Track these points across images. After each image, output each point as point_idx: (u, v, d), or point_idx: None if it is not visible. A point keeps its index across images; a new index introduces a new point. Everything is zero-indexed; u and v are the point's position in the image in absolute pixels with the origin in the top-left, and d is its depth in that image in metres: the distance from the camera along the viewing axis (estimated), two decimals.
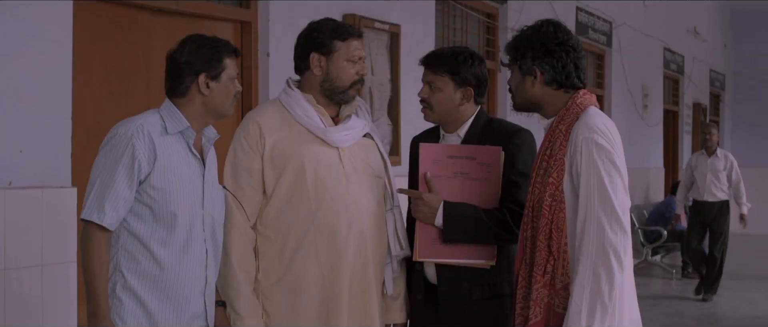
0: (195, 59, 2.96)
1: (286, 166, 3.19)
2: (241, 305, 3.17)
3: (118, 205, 2.82)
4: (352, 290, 3.22)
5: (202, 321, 3.02)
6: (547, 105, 2.97)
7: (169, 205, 2.89)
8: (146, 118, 2.93)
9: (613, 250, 2.69)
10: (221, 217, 3.11)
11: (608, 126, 2.83)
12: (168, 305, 2.92)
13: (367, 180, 3.27)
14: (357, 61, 3.26)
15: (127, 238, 2.89)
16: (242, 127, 3.25)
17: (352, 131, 3.28)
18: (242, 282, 3.18)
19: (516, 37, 3.00)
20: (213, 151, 3.12)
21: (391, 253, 3.33)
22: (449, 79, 3.31)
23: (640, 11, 12.37)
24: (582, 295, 2.69)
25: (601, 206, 2.71)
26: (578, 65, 2.95)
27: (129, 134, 2.85)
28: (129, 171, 2.82)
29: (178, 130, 2.95)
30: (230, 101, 3.04)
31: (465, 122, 3.36)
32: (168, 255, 2.90)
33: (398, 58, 6.38)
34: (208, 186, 3.02)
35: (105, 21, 4.40)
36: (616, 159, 2.77)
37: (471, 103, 3.35)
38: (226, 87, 3.00)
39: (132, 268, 2.88)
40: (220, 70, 2.98)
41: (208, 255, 3.01)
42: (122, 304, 2.87)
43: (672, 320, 8.56)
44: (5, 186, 3.69)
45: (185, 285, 2.94)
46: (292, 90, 3.29)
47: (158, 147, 2.88)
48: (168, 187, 2.89)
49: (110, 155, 2.85)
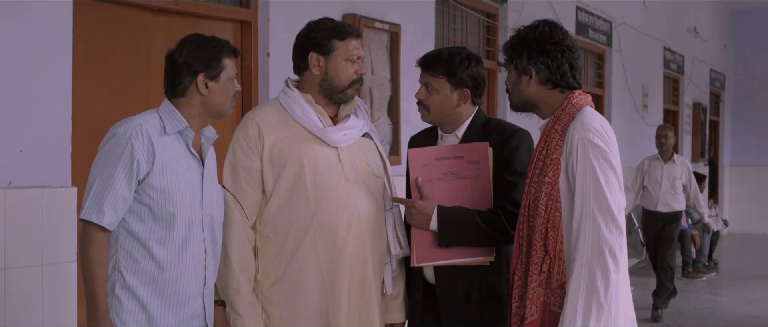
0: (194, 59, 2.96)
1: (285, 165, 3.19)
2: (240, 305, 3.17)
3: (117, 204, 2.82)
4: (351, 290, 3.22)
5: (201, 321, 3.03)
6: (543, 104, 2.98)
7: (168, 205, 2.89)
8: (145, 118, 2.93)
9: (609, 249, 2.71)
10: (220, 217, 3.11)
11: (603, 125, 2.85)
12: (167, 305, 2.92)
13: (366, 179, 3.28)
14: (356, 61, 3.27)
15: (126, 238, 2.89)
16: (241, 127, 3.25)
17: (350, 131, 3.28)
18: (241, 282, 3.18)
19: (512, 37, 3.02)
20: (212, 151, 3.12)
21: (390, 253, 3.34)
22: (446, 80, 3.31)
23: (640, 11, 12.37)
24: (578, 293, 2.71)
25: (597, 205, 2.74)
26: (574, 65, 2.97)
27: (127, 134, 2.85)
28: (128, 171, 2.82)
29: (177, 130, 2.95)
30: (229, 101, 3.04)
31: (463, 123, 3.37)
32: (167, 255, 2.90)
33: (398, 58, 6.38)
34: (207, 186, 3.02)
35: (105, 21, 4.40)
36: (611, 158, 2.79)
37: (468, 103, 3.35)
38: (225, 87, 3.00)
39: (131, 267, 2.88)
40: (219, 70, 2.98)
41: (207, 254, 3.01)
42: (121, 304, 2.88)
43: (671, 320, 8.56)
44: (5, 186, 3.70)
45: (184, 284, 2.94)
46: (291, 90, 3.29)
47: (157, 147, 2.88)
48: (167, 186, 2.89)
49: (109, 155, 2.85)
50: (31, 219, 3.80)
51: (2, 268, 3.65)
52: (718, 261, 12.50)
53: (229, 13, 4.99)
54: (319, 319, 3.22)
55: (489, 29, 8.19)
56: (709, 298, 9.84)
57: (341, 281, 3.19)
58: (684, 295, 9.99)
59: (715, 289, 10.52)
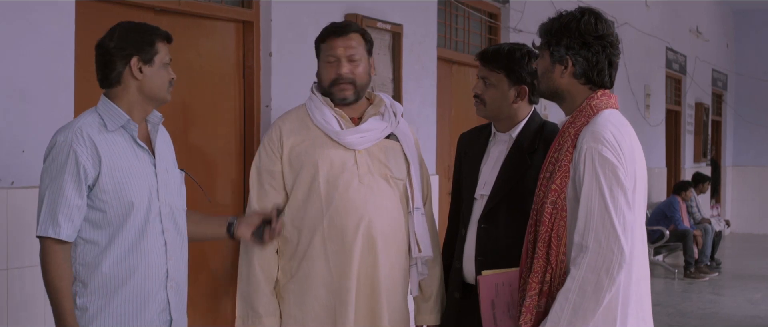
0: (125, 43, 2.88)
1: (302, 168, 3.26)
2: (259, 304, 3.23)
3: (72, 214, 2.76)
4: (360, 290, 3.23)
5: (167, 315, 2.96)
6: (570, 98, 2.85)
7: (121, 206, 2.82)
8: (83, 120, 2.86)
9: (606, 268, 2.60)
10: (181, 203, 3.05)
11: (616, 134, 2.70)
12: (131, 304, 2.86)
13: (382, 181, 3.29)
14: (333, 61, 3.29)
15: (83, 247, 2.83)
16: (267, 132, 3.37)
17: (368, 133, 3.29)
18: (261, 280, 3.24)
19: (553, 21, 2.84)
20: (164, 134, 3.04)
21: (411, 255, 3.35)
22: (504, 75, 3.26)
23: (643, 11, 12.36)
24: (564, 306, 2.63)
25: (600, 222, 2.62)
26: (612, 63, 2.82)
27: (68, 140, 2.79)
28: (75, 178, 2.76)
29: (119, 125, 2.87)
30: (167, 87, 2.96)
31: (518, 122, 3.30)
32: (124, 254, 2.83)
33: (400, 58, 6.37)
34: (161, 175, 2.95)
35: (107, 21, 4.36)
36: (619, 173, 2.65)
37: (525, 102, 3.29)
38: (159, 72, 2.92)
39: (90, 274, 2.82)
40: (152, 54, 2.90)
41: (167, 246, 2.93)
42: (85, 313, 2.83)
43: (674, 320, 8.55)
44: (7, 186, 3.70)
45: (145, 280, 2.87)
46: (314, 94, 3.36)
47: (100, 147, 2.81)
48: (117, 186, 2.82)
49: (53, 166, 2.79)
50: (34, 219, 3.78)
51: (4, 268, 3.65)
52: (720, 261, 12.49)
53: (231, 13, 4.99)
54: (327, 317, 3.25)
55: (491, 29, 8.18)
56: (711, 299, 9.83)
57: (349, 281, 3.21)
58: (686, 295, 9.99)
59: (717, 289, 10.51)
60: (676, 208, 11.72)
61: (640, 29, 12.07)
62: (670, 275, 11.46)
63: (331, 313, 3.24)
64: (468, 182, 3.37)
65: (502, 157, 3.30)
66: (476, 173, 3.35)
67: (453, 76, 7.55)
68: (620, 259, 2.62)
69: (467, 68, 7.76)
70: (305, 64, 4.92)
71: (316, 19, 5.24)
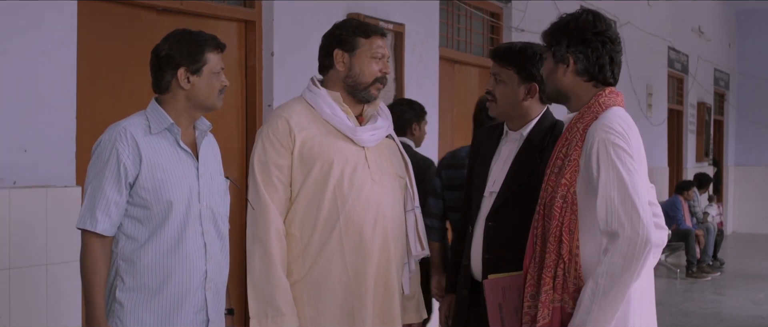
0: (175, 53, 2.93)
1: (314, 163, 3.17)
2: (284, 302, 3.13)
3: (110, 210, 2.84)
4: (376, 289, 3.22)
5: (204, 315, 3.00)
6: (575, 97, 2.88)
7: (161, 204, 2.88)
8: (130, 121, 2.94)
9: (633, 252, 2.62)
10: (224, 209, 3.09)
11: (625, 129, 2.74)
12: (168, 302, 2.91)
13: (390, 180, 3.28)
14: (380, 59, 3.27)
15: (124, 242, 2.90)
16: (270, 124, 3.22)
17: (378, 131, 3.28)
18: (284, 278, 3.15)
19: (553, 24, 2.91)
20: (211, 141, 3.08)
21: (410, 254, 3.34)
22: (514, 72, 3.26)
23: (645, 10, 12.36)
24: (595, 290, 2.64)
25: (622, 207, 2.65)
26: (614, 59, 2.86)
27: (112, 139, 2.87)
28: (116, 175, 2.85)
29: (163, 128, 2.94)
30: (216, 95, 3.00)
31: (530, 121, 3.30)
32: (163, 252, 2.89)
33: (402, 58, 6.37)
34: (204, 179, 2.99)
35: (109, 20, 4.40)
36: (634, 161, 2.70)
37: (536, 100, 3.29)
38: (208, 81, 2.96)
39: (130, 270, 2.89)
40: (201, 64, 2.94)
41: (207, 248, 2.98)
42: (123, 308, 2.89)
43: (676, 319, 8.55)
44: (10, 185, 3.70)
45: (184, 278, 2.92)
46: (318, 88, 3.28)
47: (143, 148, 2.88)
48: (158, 185, 2.88)
49: (97, 163, 2.88)
50: (36, 219, 3.80)
51: (7, 268, 3.65)
52: (722, 261, 12.48)
53: (233, 12, 5.00)
54: (344, 318, 3.20)
55: (493, 29, 8.18)
56: (714, 298, 9.82)
57: (367, 280, 3.19)
58: (688, 294, 9.98)
59: (720, 288, 10.50)
60: (678, 208, 11.71)
61: (642, 29, 12.06)
62: (672, 275, 11.45)
63: (348, 313, 3.19)
64: (478, 180, 3.38)
65: (512, 155, 3.30)
66: (486, 171, 3.35)
67: (455, 75, 7.55)
68: (646, 240, 2.64)
69: (469, 68, 7.76)
70: (307, 63, 4.92)
71: (318, 19, 5.25)
